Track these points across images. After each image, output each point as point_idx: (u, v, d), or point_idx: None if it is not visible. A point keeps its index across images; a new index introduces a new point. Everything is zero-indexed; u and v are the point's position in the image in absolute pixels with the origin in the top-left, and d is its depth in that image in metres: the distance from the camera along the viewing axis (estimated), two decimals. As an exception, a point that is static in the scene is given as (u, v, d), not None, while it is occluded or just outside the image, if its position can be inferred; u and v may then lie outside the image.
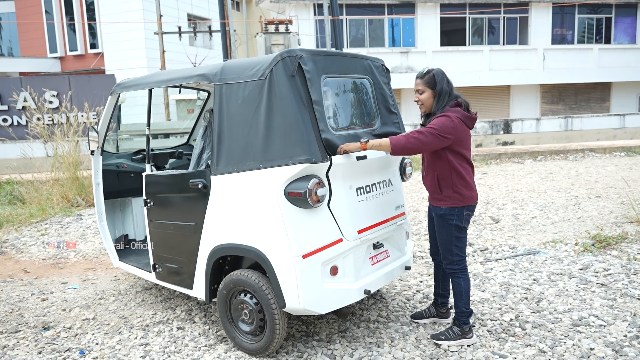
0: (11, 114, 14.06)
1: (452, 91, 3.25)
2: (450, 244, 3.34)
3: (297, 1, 18.79)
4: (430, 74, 3.26)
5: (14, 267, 5.78)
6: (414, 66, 19.69)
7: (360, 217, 3.34)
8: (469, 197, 3.28)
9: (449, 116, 3.13)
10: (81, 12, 21.67)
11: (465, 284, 3.38)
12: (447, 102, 3.23)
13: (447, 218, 3.30)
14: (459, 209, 3.27)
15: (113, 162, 4.86)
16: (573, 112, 21.14)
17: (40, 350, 3.63)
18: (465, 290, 3.37)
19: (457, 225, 3.29)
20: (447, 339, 3.40)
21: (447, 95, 3.23)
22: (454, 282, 3.41)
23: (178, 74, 3.73)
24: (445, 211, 3.30)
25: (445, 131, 3.08)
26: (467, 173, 3.27)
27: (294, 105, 2.99)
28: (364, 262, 3.37)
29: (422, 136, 3.07)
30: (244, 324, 3.37)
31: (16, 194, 9.16)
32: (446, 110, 3.19)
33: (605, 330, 3.52)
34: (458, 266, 3.37)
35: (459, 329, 3.40)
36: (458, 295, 3.39)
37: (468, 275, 3.42)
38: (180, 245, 3.71)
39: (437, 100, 3.24)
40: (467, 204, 3.28)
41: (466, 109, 3.25)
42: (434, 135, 3.07)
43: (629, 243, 5.43)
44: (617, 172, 10.47)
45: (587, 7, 20.73)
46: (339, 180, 3.17)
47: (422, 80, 3.28)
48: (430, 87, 3.26)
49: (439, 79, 3.23)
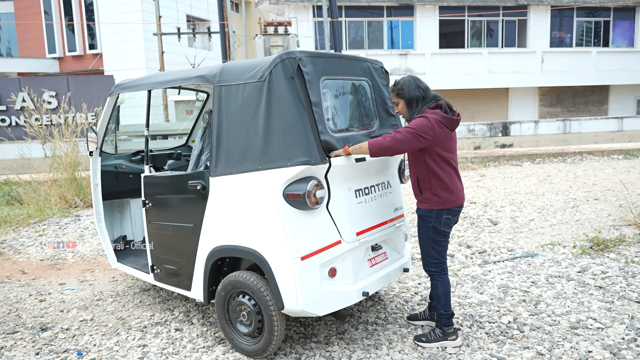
0: (9, 114, 14.04)
1: (426, 95, 3.25)
2: (427, 246, 3.36)
3: (296, 3, 18.81)
4: (399, 85, 3.29)
5: (12, 268, 5.76)
6: (413, 68, 19.72)
7: (359, 219, 3.34)
8: (449, 201, 3.26)
9: (426, 117, 3.14)
10: (80, 13, 21.66)
11: (442, 286, 3.39)
12: (421, 107, 3.23)
13: (425, 220, 3.33)
14: (437, 211, 3.27)
15: (112, 163, 4.85)
16: (571, 114, 21.19)
17: (37, 351, 3.62)
18: (442, 292, 3.39)
19: (435, 228, 3.30)
20: (427, 341, 3.43)
21: (421, 100, 3.24)
22: (432, 284, 3.45)
23: (177, 75, 3.73)
24: (423, 212, 3.33)
25: (422, 131, 3.08)
26: (447, 176, 3.24)
27: (293, 107, 2.99)
28: (362, 264, 3.37)
29: (399, 135, 3.08)
30: (242, 326, 3.37)
31: (14, 194, 9.14)
32: (425, 112, 3.20)
33: (603, 333, 3.52)
34: (435, 269, 3.39)
35: (441, 330, 3.43)
36: (436, 298, 3.42)
37: (447, 278, 3.42)
38: (178, 246, 3.70)
39: (409, 108, 3.27)
40: (446, 207, 3.26)
41: (447, 110, 3.23)
42: (411, 134, 3.07)
43: (626, 246, 5.44)
44: (615, 174, 10.49)
45: (585, 11, 20.79)
46: (338, 182, 3.18)
47: (393, 92, 3.34)
48: (400, 97, 3.29)
49: (406, 87, 3.25)
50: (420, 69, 19.76)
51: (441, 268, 3.39)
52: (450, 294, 3.43)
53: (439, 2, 19.51)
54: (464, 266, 5.07)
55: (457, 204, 3.31)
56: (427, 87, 3.29)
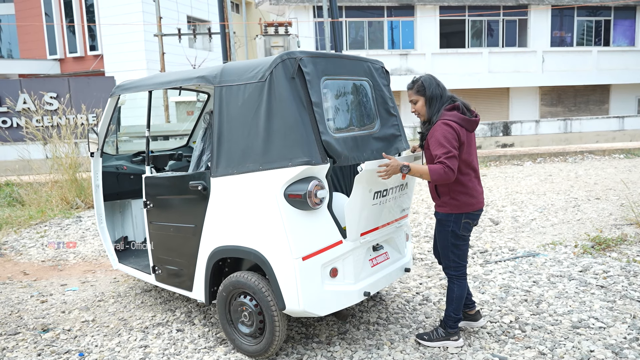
0: (10, 115, 14.05)
1: (444, 94, 3.22)
2: (447, 250, 3.32)
3: (296, 3, 18.82)
4: (419, 81, 3.24)
5: (13, 269, 5.77)
6: (414, 68, 19.71)
7: (368, 220, 3.32)
8: (468, 204, 3.21)
9: (447, 123, 3.08)
10: (81, 14, 21.67)
11: (459, 290, 3.35)
12: (440, 106, 3.19)
13: (444, 224, 3.29)
14: (456, 215, 3.22)
15: (113, 164, 4.85)
16: (572, 114, 21.17)
17: (39, 352, 3.63)
18: (457, 296, 3.35)
19: (454, 232, 3.25)
20: (429, 340, 3.42)
21: (439, 99, 3.20)
22: (448, 286, 3.40)
23: (178, 76, 3.74)
24: (442, 217, 3.29)
25: (453, 144, 3.02)
26: (466, 179, 3.20)
27: (293, 107, 2.99)
28: (363, 264, 3.37)
29: (449, 163, 2.97)
30: (243, 326, 3.37)
31: (15, 195, 9.15)
32: (442, 114, 3.15)
33: (605, 332, 3.52)
34: (455, 272, 3.35)
35: (444, 331, 3.40)
36: (449, 300, 3.38)
37: (465, 283, 3.37)
38: (180, 247, 3.70)
39: (429, 105, 3.22)
40: (465, 211, 3.22)
41: (465, 111, 3.18)
42: (453, 155, 3.00)
43: (628, 245, 5.43)
44: (616, 174, 10.47)
45: (586, 10, 20.77)
46: (362, 184, 3.11)
47: (412, 90, 3.28)
48: (421, 95, 3.24)
49: (427, 85, 3.21)
50: (421, 69, 19.75)
51: (461, 272, 3.34)
52: (464, 299, 3.39)
53: (439, 2, 19.51)
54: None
55: (477, 208, 3.25)
56: (444, 86, 3.25)
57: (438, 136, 3.06)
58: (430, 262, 5.23)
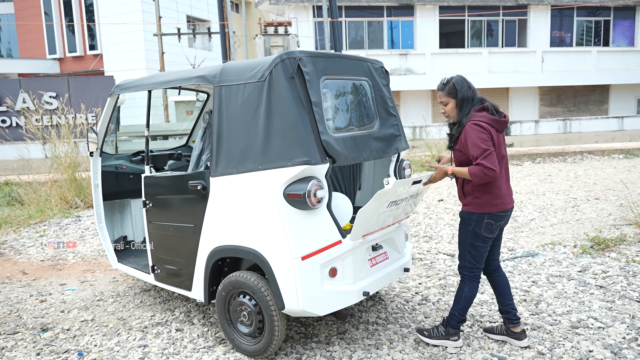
0: (10, 115, 14.04)
1: (475, 96, 3.17)
2: (464, 249, 3.27)
3: (296, 3, 18.81)
4: (450, 83, 3.18)
5: (13, 269, 5.77)
6: (413, 68, 19.72)
7: (375, 224, 3.30)
8: (491, 204, 3.13)
9: (478, 124, 3.04)
10: (80, 14, 21.67)
11: (469, 291, 3.30)
12: (470, 108, 3.15)
13: (465, 222, 3.23)
14: (479, 215, 3.15)
15: (112, 164, 4.85)
16: (572, 114, 21.18)
17: (38, 351, 3.63)
18: (466, 297, 3.30)
19: (474, 232, 3.18)
20: (429, 336, 3.41)
21: (470, 101, 3.15)
22: (459, 285, 3.36)
23: (177, 76, 3.74)
24: (464, 215, 3.24)
25: (488, 144, 2.99)
26: (498, 179, 3.11)
27: (293, 107, 2.99)
28: (363, 264, 3.37)
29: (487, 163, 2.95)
30: (242, 326, 3.37)
31: (15, 195, 9.14)
32: (472, 116, 3.11)
33: (604, 332, 3.52)
34: (468, 273, 3.29)
35: (445, 329, 3.39)
36: (457, 299, 3.34)
37: (477, 286, 3.31)
38: (179, 246, 3.70)
39: (460, 108, 3.17)
40: (487, 211, 3.14)
41: (494, 112, 3.14)
42: (493, 155, 2.97)
43: (627, 245, 5.43)
44: (615, 174, 10.48)
45: (585, 10, 20.78)
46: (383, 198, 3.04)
47: (443, 91, 3.21)
48: (452, 97, 3.17)
49: (459, 87, 3.15)
50: (421, 69, 19.77)
51: (475, 274, 3.28)
52: (472, 301, 3.33)
53: (439, 2, 19.52)
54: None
55: (501, 209, 3.17)
56: (475, 88, 3.21)
57: (472, 138, 3.03)
58: (429, 262, 5.23)
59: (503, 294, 3.41)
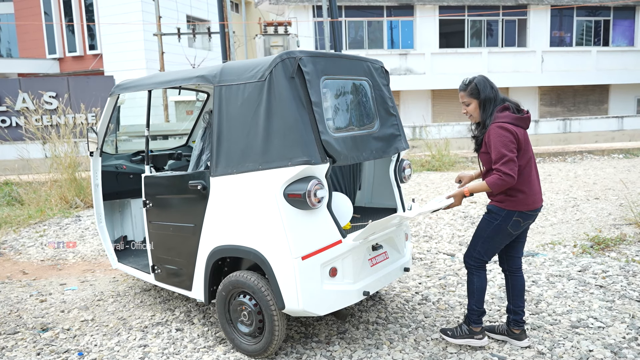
0: (10, 115, 14.04)
1: (497, 96, 3.13)
2: (478, 239, 3.24)
3: (296, 3, 18.81)
4: (472, 84, 3.15)
5: (13, 269, 5.77)
6: (413, 68, 19.72)
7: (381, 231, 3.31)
8: (524, 203, 3.09)
9: (501, 126, 3.01)
10: (80, 14, 21.66)
11: (479, 282, 3.28)
12: (493, 109, 3.12)
13: (492, 215, 3.18)
14: (509, 212, 3.11)
15: (112, 164, 4.85)
16: (571, 114, 21.18)
17: (38, 351, 3.63)
18: (478, 288, 3.28)
19: (499, 227, 3.14)
20: (453, 336, 3.37)
21: (493, 101, 3.11)
22: (467, 278, 3.35)
23: (177, 76, 3.74)
24: (492, 208, 3.18)
25: (510, 148, 2.97)
26: (524, 177, 3.09)
27: (293, 106, 2.99)
28: (363, 264, 3.37)
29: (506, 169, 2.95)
30: (243, 326, 3.37)
31: (15, 195, 9.14)
32: (495, 117, 3.08)
33: (604, 332, 3.52)
34: (474, 263, 3.28)
35: (468, 327, 3.35)
36: (470, 293, 3.32)
37: (485, 275, 3.30)
38: (179, 246, 3.70)
39: (483, 109, 3.14)
40: (519, 209, 3.10)
41: (515, 110, 3.11)
42: (512, 161, 2.96)
43: (627, 245, 5.44)
44: (615, 174, 10.48)
45: (585, 10, 20.78)
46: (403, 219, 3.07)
47: (465, 92, 3.18)
48: (474, 98, 3.14)
49: (481, 88, 3.12)
50: (420, 69, 19.77)
51: (480, 264, 3.27)
52: (485, 291, 3.31)
53: (438, 2, 19.51)
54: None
55: (532, 208, 3.14)
56: (497, 87, 3.18)
57: (494, 141, 3.01)
58: (429, 262, 5.23)
59: (517, 295, 3.38)
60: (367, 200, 4.26)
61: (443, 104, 20.30)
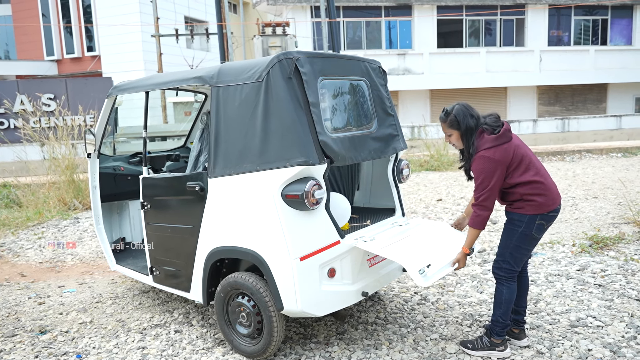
0: (8, 117, 14.02)
1: (478, 122, 3.05)
2: (506, 249, 3.14)
3: (294, 3, 18.81)
4: (452, 115, 3.07)
5: (11, 271, 5.75)
6: (411, 68, 19.73)
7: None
8: (545, 205, 3.02)
9: (482, 156, 2.96)
10: (78, 15, 21.64)
11: (508, 293, 3.16)
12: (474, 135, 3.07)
13: (514, 223, 3.11)
14: (531, 217, 3.04)
15: (110, 165, 4.85)
16: (570, 113, 21.20)
17: (37, 354, 3.62)
18: (506, 299, 3.16)
19: (524, 234, 3.07)
20: (474, 348, 3.27)
21: (474, 129, 3.05)
22: (496, 287, 3.22)
23: (175, 77, 3.73)
24: (513, 216, 3.12)
25: (489, 179, 2.95)
26: (536, 180, 3.01)
27: (291, 107, 2.98)
28: (361, 264, 3.37)
29: (486, 203, 3.00)
30: (241, 327, 3.37)
31: (13, 197, 9.12)
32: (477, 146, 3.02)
33: (603, 331, 3.52)
34: (505, 274, 3.17)
35: (489, 340, 3.24)
36: (497, 303, 3.19)
37: (514, 286, 3.18)
38: (177, 248, 3.70)
39: (466, 139, 3.08)
40: (542, 212, 3.03)
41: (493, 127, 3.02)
42: (487, 194, 2.98)
43: (626, 244, 5.44)
44: (614, 173, 10.49)
45: (583, 9, 20.80)
46: None
47: (445, 123, 3.12)
48: (455, 129, 3.09)
49: (461, 119, 3.04)
50: (419, 69, 19.78)
51: (511, 275, 3.16)
52: (513, 303, 3.20)
53: (436, 2, 19.53)
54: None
55: (553, 208, 3.06)
56: (478, 114, 3.10)
57: (476, 172, 3.01)
58: (428, 262, 5.23)
59: (521, 295, 3.34)
60: (366, 200, 4.26)
61: (441, 103, 20.28)
